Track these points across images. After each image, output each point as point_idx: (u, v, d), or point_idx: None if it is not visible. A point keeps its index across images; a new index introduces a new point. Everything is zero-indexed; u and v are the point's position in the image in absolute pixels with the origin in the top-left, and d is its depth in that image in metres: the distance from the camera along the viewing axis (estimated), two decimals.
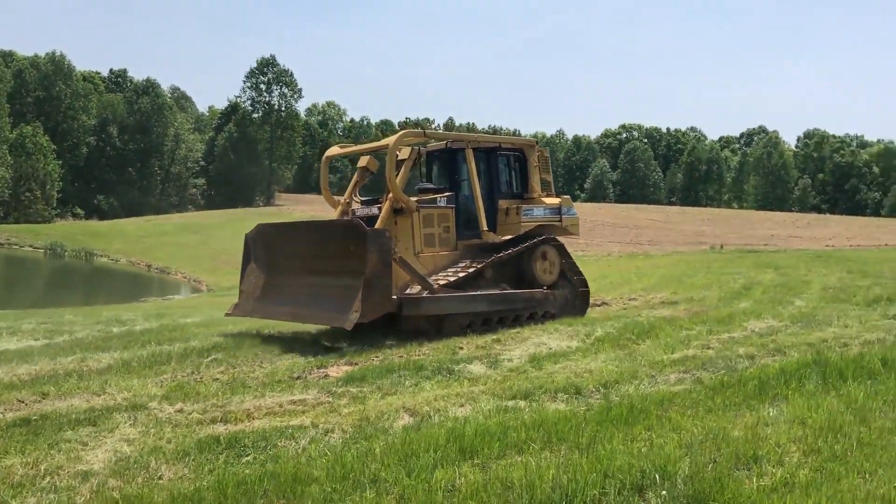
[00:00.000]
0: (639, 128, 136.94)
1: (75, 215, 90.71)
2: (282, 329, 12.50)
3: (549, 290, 13.05)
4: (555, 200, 13.93)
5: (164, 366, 9.45)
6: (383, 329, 11.45)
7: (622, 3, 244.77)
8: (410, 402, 6.76)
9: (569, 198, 14.49)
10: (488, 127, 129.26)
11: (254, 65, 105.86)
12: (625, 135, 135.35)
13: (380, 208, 12.04)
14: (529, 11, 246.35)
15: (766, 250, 36.81)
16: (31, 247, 62.32)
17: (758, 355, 8.69)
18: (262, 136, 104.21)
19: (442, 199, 12.59)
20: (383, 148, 12.51)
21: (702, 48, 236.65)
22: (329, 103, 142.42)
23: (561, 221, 13.80)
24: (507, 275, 12.83)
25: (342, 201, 13.19)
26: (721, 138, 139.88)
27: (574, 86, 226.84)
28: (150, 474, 4.92)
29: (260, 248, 12.65)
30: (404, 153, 12.44)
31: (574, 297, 13.55)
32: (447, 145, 13.27)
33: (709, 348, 9.31)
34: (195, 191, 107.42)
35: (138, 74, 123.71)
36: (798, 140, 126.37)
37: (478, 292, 12.05)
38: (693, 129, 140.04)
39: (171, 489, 4.57)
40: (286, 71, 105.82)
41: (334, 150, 14.12)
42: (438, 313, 11.46)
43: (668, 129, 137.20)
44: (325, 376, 8.63)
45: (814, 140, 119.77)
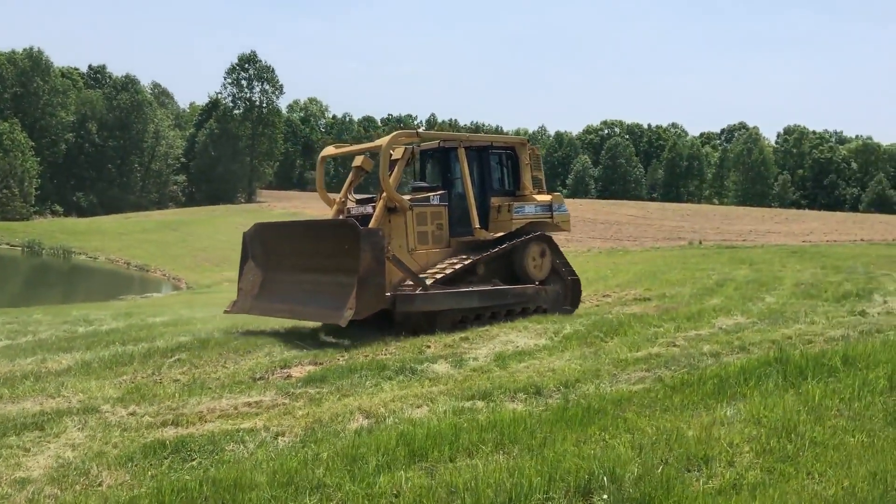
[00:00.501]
0: (620, 124, 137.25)
1: (54, 213, 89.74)
2: (255, 326, 12.47)
3: (540, 286, 13.24)
4: (546, 197, 14.11)
5: (126, 367, 9.32)
6: (377, 325, 11.52)
7: None
8: (367, 403, 6.68)
9: (560, 195, 14.69)
10: (471, 123, 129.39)
11: (235, 60, 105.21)
12: (606, 131, 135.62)
13: (374, 207, 12.20)
14: (512, 7, 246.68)
15: (744, 246, 37.00)
16: (9, 245, 61.56)
17: (722, 353, 8.68)
18: (243, 133, 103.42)
19: (435, 198, 12.79)
20: (377, 148, 12.69)
21: (683, 44, 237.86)
22: (311, 100, 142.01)
23: (552, 218, 13.97)
24: (499, 271, 13.08)
25: (338, 200, 13.32)
26: (702, 134, 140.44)
27: (556, 82, 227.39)
28: (90, 481, 4.81)
29: (258, 247, 12.81)
30: (397, 153, 12.76)
31: (566, 293, 13.76)
32: (440, 144, 13.46)
33: (674, 346, 9.29)
34: (176, 188, 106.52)
35: (118, 70, 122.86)
36: (778, 136, 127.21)
37: (470, 288, 12.29)
38: (674, 125, 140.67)
39: (109, 496, 4.47)
40: (267, 67, 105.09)
41: (330, 150, 14.28)
42: (432, 309, 11.68)
43: (650, 124, 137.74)
44: (288, 377, 8.54)
45: (793, 136, 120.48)
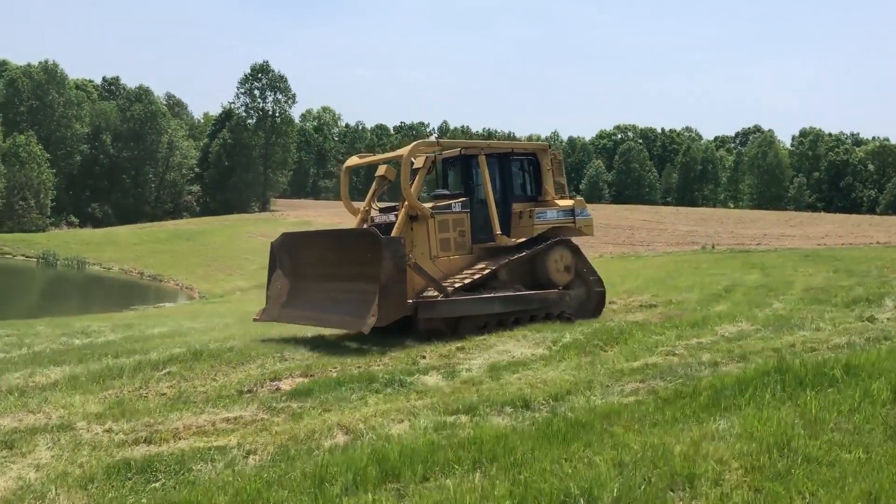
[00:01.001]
0: (634, 128, 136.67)
1: (70, 223, 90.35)
2: (259, 335, 12.54)
3: (563, 291, 13.21)
4: (568, 202, 14.09)
5: (115, 380, 9.18)
6: (399, 332, 11.72)
7: (616, 3, 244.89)
8: (348, 418, 6.47)
9: (582, 199, 14.64)
10: (483, 130, 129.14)
11: (248, 71, 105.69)
12: (620, 135, 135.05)
13: (397, 215, 12.36)
14: (523, 13, 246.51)
15: (757, 250, 36.55)
16: (24, 256, 61.95)
17: (721, 362, 8.40)
18: (256, 142, 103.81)
19: (457, 205, 12.94)
20: (399, 157, 12.82)
21: (697, 47, 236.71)
22: (324, 108, 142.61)
23: (574, 223, 13.94)
24: (521, 276, 13.11)
25: (361, 209, 13.57)
26: (716, 138, 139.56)
27: (568, 87, 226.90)
28: None
29: (285, 256, 13.11)
30: (419, 162, 12.99)
31: (589, 298, 13.72)
32: (461, 152, 13.59)
33: (673, 355, 9.02)
34: (190, 197, 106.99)
35: (132, 82, 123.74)
36: (793, 139, 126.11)
37: (492, 294, 12.32)
38: (688, 129, 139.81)
39: None
40: (280, 76, 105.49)
41: (354, 161, 14.50)
42: (453, 315, 11.80)
43: (663, 129, 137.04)
44: (277, 389, 8.37)
45: (809, 138, 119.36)
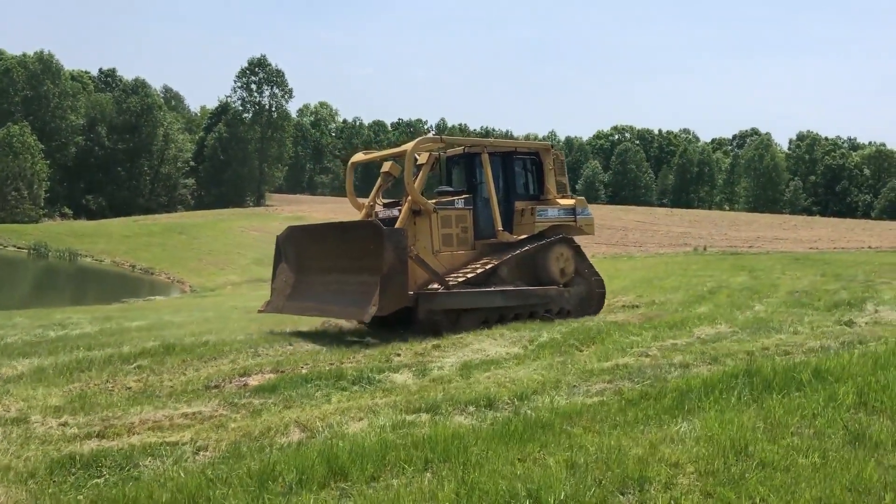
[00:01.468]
0: (631, 129, 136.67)
1: (63, 215, 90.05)
2: (238, 330, 12.55)
3: (564, 288, 13.43)
4: (570, 201, 14.34)
5: (82, 373, 9.08)
6: (401, 326, 12.03)
7: (615, 4, 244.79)
8: (307, 415, 6.38)
9: (583, 199, 14.88)
10: (480, 128, 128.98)
11: (245, 65, 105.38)
12: (617, 136, 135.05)
13: (400, 210, 12.54)
14: (522, 13, 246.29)
15: (749, 252, 36.54)
16: (15, 247, 61.69)
17: (692, 364, 8.32)
18: (252, 137, 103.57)
19: (459, 201, 13.20)
20: (403, 153, 12.91)
21: (695, 50, 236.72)
22: (321, 104, 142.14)
23: (576, 221, 14.16)
24: (523, 273, 13.28)
25: (366, 204, 13.77)
26: (714, 140, 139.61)
27: (566, 87, 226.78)
28: None
29: (290, 249, 13.32)
30: (423, 158, 13.22)
31: (590, 295, 13.94)
32: (465, 150, 13.87)
33: (646, 356, 8.94)
34: (185, 191, 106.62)
35: (130, 74, 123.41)
36: (790, 142, 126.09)
37: (492, 288, 12.51)
38: (685, 131, 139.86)
39: None
40: (277, 71, 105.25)
41: (359, 157, 14.65)
42: (453, 308, 12.01)
43: (661, 130, 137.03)
44: (244, 385, 8.28)
45: (805, 142, 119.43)
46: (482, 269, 12.58)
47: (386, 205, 13.59)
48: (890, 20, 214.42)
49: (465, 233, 13.14)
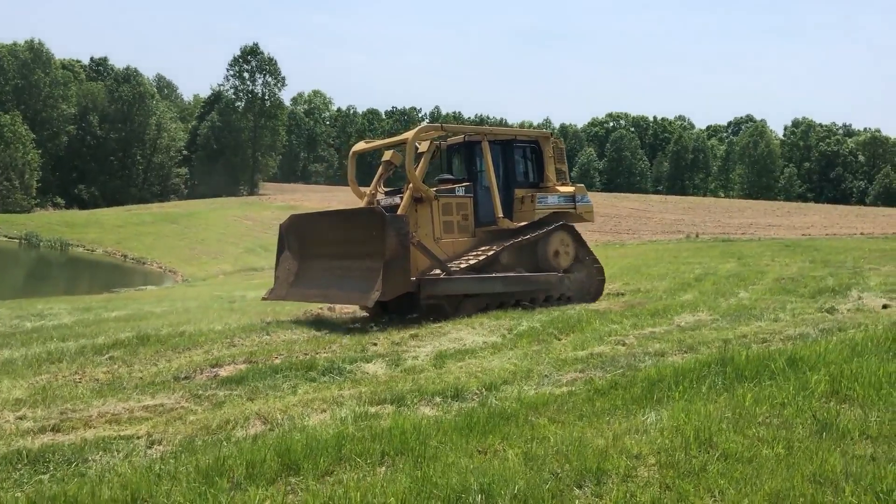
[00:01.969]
0: (626, 116, 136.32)
1: (56, 205, 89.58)
2: (218, 319, 12.50)
3: (564, 274, 13.57)
4: (569, 189, 14.51)
5: (52, 365, 8.96)
6: (400, 311, 12.40)
7: None
8: (269, 407, 6.25)
9: (583, 186, 15.04)
10: (475, 116, 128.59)
11: (237, 53, 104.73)
12: (612, 123, 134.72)
13: (402, 198, 12.66)
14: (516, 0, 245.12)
15: (741, 239, 36.44)
16: (6, 237, 61.42)
17: (668, 352, 8.21)
18: (245, 125, 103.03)
19: (460, 189, 13.35)
20: (404, 142, 13.00)
21: (691, 36, 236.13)
22: (315, 92, 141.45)
23: (575, 208, 14.36)
24: (523, 260, 13.44)
25: (368, 192, 13.82)
26: (709, 127, 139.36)
27: (561, 74, 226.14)
28: None
29: (293, 237, 13.39)
30: (423, 146, 13.40)
31: (589, 281, 14.07)
32: (465, 139, 13.94)
33: (623, 344, 8.84)
34: (178, 180, 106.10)
35: (122, 62, 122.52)
36: (785, 129, 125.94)
37: (493, 275, 12.64)
38: (680, 118, 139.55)
39: None
40: (270, 59, 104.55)
41: (360, 146, 14.75)
42: (455, 293, 12.18)
43: (655, 117, 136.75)
44: (215, 376, 8.16)
45: (800, 128, 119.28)
46: (484, 256, 12.74)
47: (387, 193, 13.74)
48: (884, 5, 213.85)
49: (465, 220, 13.30)
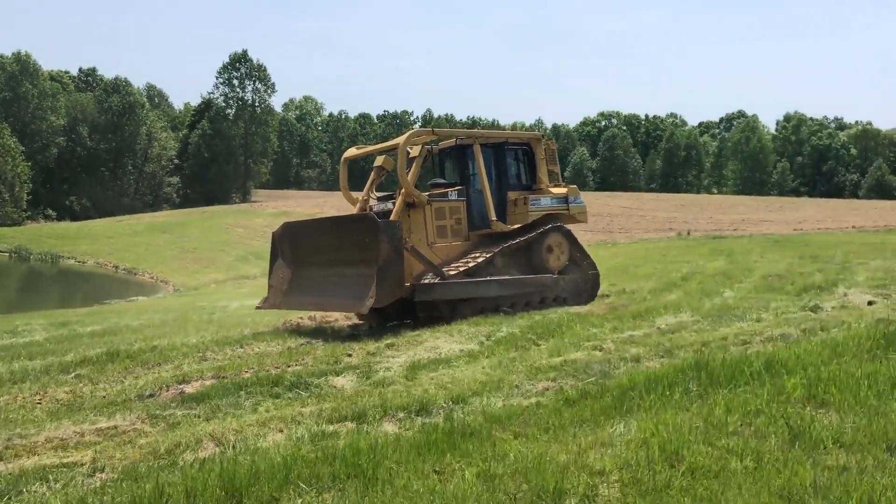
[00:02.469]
0: (618, 115, 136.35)
1: (47, 217, 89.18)
2: (194, 332, 12.29)
3: (558, 276, 13.55)
4: (562, 190, 14.52)
5: (15, 385, 8.70)
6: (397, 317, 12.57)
7: None
8: (224, 428, 6.00)
9: (575, 187, 14.97)
10: (467, 118, 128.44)
11: (227, 60, 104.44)
12: (604, 122, 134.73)
13: (394, 203, 12.61)
14: (505, 0, 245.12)
15: (732, 235, 36.25)
16: None
17: (645, 357, 7.99)
18: (236, 133, 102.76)
19: (453, 193, 13.29)
20: (396, 147, 12.94)
21: (681, 33, 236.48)
22: (306, 98, 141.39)
23: (568, 209, 14.37)
24: (518, 262, 13.38)
25: (360, 198, 13.83)
26: (701, 124, 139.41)
27: (552, 74, 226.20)
28: None
29: (286, 245, 13.33)
30: (415, 151, 13.50)
31: (584, 282, 14.08)
32: (457, 142, 13.91)
33: (599, 350, 8.60)
34: (170, 189, 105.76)
35: (111, 73, 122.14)
36: (777, 124, 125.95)
37: (488, 278, 12.58)
38: (672, 116, 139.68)
39: None
40: (259, 66, 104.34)
41: (352, 152, 14.74)
42: (450, 298, 12.12)
43: (647, 115, 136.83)
44: (181, 393, 7.91)
45: (791, 123, 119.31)
46: (479, 260, 12.66)
47: (380, 198, 13.74)
48: None
49: (459, 224, 13.23)
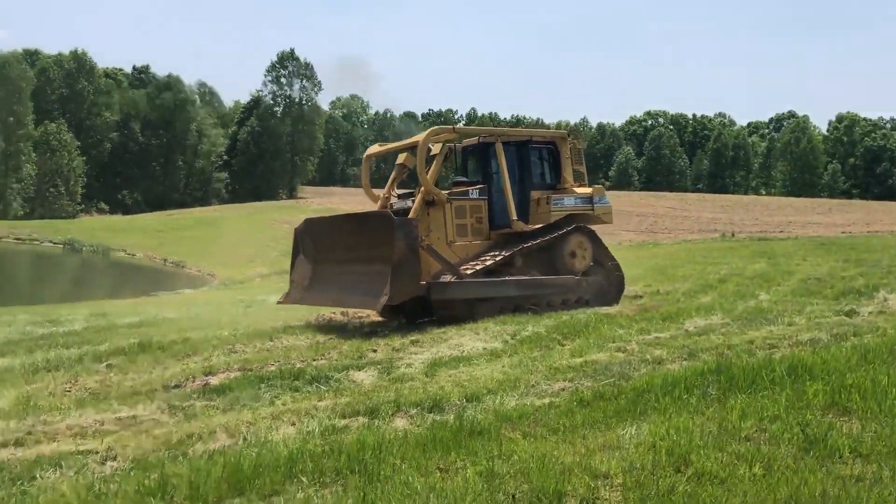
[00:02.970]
0: (664, 114, 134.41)
1: (100, 210, 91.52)
2: (230, 325, 12.47)
3: (582, 277, 13.26)
4: (587, 190, 14.25)
5: (49, 373, 8.92)
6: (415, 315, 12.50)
7: None
8: (238, 420, 6.09)
9: (601, 187, 14.75)
10: (511, 117, 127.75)
11: (274, 59, 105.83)
12: (650, 121, 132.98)
13: (414, 200, 12.52)
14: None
15: (777, 238, 35.53)
16: (51, 242, 62.65)
17: (667, 360, 7.86)
18: (283, 130, 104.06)
19: (474, 192, 13.17)
20: (416, 144, 12.90)
21: (731, 31, 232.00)
22: (352, 96, 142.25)
23: (593, 210, 14.08)
24: (539, 263, 13.14)
25: (382, 196, 13.88)
26: (750, 124, 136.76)
27: (598, 73, 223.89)
28: None
29: (308, 241, 13.39)
30: (436, 148, 13.34)
31: (609, 284, 13.75)
32: (479, 140, 13.78)
33: (623, 351, 8.50)
34: (219, 185, 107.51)
35: (164, 70, 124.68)
36: (829, 124, 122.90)
37: (506, 278, 12.41)
38: (720, 115, 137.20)
39: None
40: (306, 64, 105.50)
41: (374, 149, 14.80)
42: (466, 297, 11.97)
43: (695, 115, 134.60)
44: (206, 385, 8.04)
45: (843, 124, 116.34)
46: (497, 259, 12.53)
47: (401, 196, 13.64)
48: None
49: (479, 223, 13.10)
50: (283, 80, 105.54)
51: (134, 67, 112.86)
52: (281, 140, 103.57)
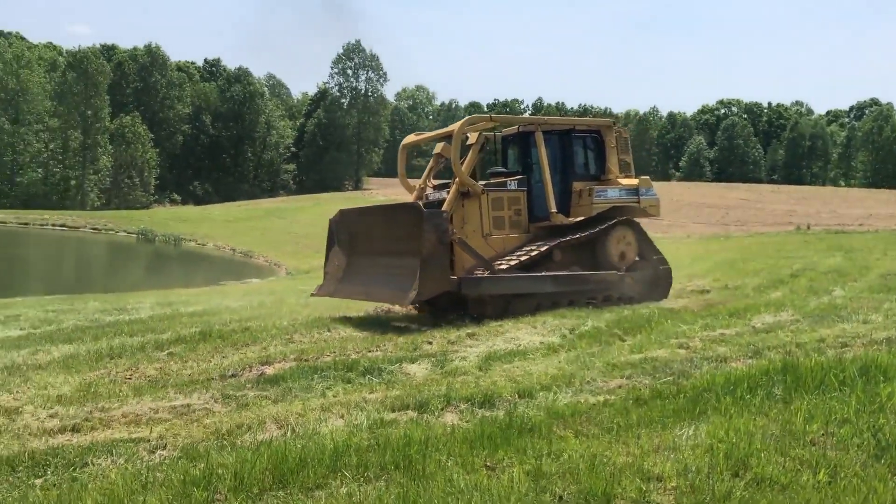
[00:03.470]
0: (738, 103, 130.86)
1: (172, 201, 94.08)
2: (288, 314, 12.52)
3: (625, 273, 12.76)
4: (633, 181, 13.61)
5: (112, 360, 9.09)
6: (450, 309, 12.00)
7: None
8: (288, 411, 6.07)
9: (648, 178, 14.08)
10: (578, 106, 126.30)
11: (341, 51, 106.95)
12: (723, 110, 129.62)
13: (449, 192, 12.20)
14: None
15: (855, 231, 34.19)
16: (126, 232, 64.74)
17: (731, 358, 7.56)
18: (349, 122, 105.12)
19: (512, 183, 12.68)
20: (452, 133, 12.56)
21: (808, 16, 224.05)
22: (418, 87, 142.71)
23: (639, 202, 13.42)
24: (580, 257, 12.72)
25: (418, 186, 13.53)
26: (828, 112, 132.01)
27: (669, 61, 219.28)
28: None
29: (342, 233, 13.26)
30: (472, 138, 12.90)
31: (655, 280, 13.22)
32: (519, 129, 13.36)
33: (685, 347, 8.21)
34: (287, 176, 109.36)
35: (234, 64, 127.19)
36: None
37: (543, 273, 11.94)
38: (797, 104, 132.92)
39: None
40: (372, 56, 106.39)
41: (410, 139, 14.58)
42: (499, 293, 11.58)
43: (770, 103, 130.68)
44: (262, 374, 8.07)
45: None
46: (532, 254, 12.03)
47: (436, 187, 13.32)
48: None
49: (518, 215, 12.62)
50: (350, 71, 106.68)
51: (205, 61, 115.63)
52: (347, 131, 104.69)
